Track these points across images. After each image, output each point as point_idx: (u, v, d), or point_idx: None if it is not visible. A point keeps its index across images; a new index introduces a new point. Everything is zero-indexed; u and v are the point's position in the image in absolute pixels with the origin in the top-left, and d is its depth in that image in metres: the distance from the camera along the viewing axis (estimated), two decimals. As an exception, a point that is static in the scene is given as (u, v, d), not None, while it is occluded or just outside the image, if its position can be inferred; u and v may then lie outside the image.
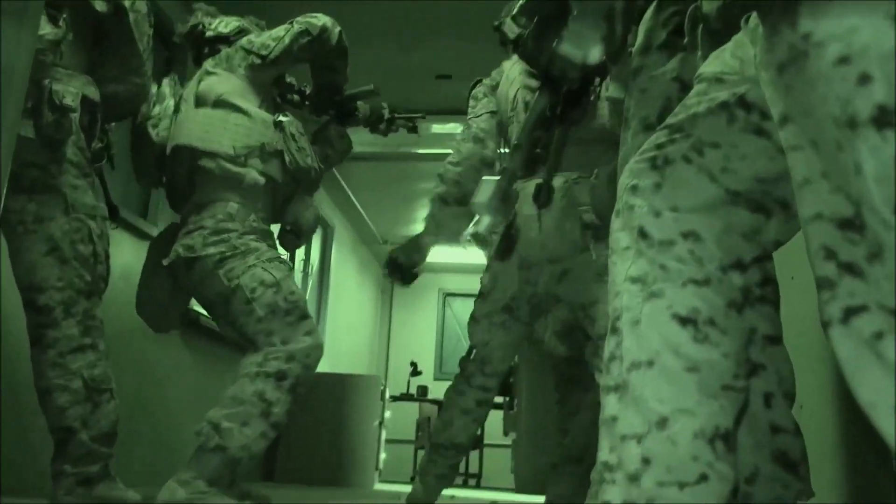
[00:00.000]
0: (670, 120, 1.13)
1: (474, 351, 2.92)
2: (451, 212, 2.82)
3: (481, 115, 2.82)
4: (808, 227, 0.74)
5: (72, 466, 2.13)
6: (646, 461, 1.01)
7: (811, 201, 0.72)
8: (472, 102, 2.90)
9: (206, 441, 2.15)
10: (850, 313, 0.69)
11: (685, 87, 1.37)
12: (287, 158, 2.50)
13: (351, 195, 7.07)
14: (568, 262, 2.59)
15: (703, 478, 0.98)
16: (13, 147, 1.15)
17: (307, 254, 6.78)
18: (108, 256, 2.31)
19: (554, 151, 2.16)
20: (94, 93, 2.24)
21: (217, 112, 2.48)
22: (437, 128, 5.53)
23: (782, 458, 1.18)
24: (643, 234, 1.10)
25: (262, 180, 2.45)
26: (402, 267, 2.97)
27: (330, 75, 2.78)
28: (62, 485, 2.12)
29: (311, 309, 6.99)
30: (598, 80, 2.43)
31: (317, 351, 2.36)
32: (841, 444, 1.98)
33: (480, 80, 2.92)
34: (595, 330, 2.51)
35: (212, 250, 2.36)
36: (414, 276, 3.06)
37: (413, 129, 3.08)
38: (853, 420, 1.75)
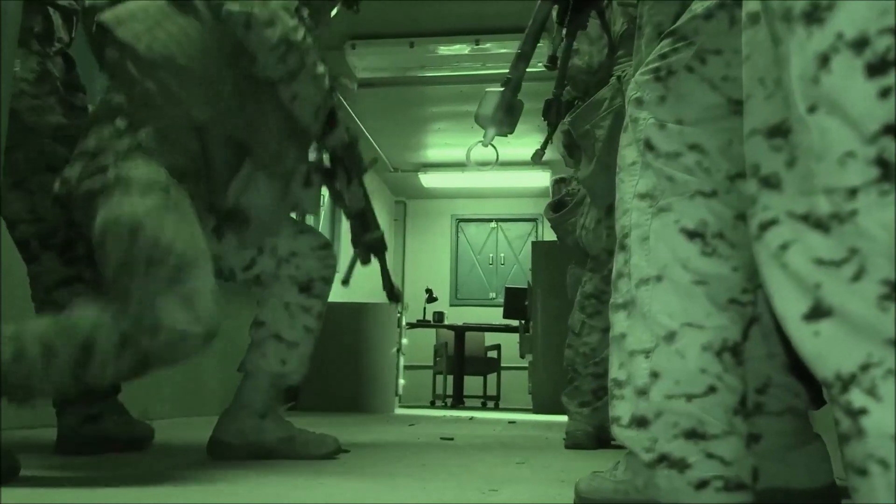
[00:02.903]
0: (675, 25, 1.10)
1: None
2: None
3: None
4: (745, 147, 0.73)
5: (77, 401, 2.00)
6: (654, 375, 1.01)
7: (749, 119, 0.71)
8: None
9: None
10: (763, 228, 0.69)
11: None
12: None
13: (359, 122, 7.00)
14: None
15: (711, 389, 0.98)
16: (11, 88, 1.13)
17: (318, 184, 6.74)
18: None
19: (562, 60, 2.11)
20: None
21: None
22: (444, 49, 5.41)
23: (795, 368, 1.18)
24: (649, 145, 1.09)
25: None
26: None
27: None
28: (66, 421, 2.04)
29: (325, 239, 7.00)
30: None
31: (194, 336, 1.57)
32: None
33: None
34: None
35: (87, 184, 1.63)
36: None
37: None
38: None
